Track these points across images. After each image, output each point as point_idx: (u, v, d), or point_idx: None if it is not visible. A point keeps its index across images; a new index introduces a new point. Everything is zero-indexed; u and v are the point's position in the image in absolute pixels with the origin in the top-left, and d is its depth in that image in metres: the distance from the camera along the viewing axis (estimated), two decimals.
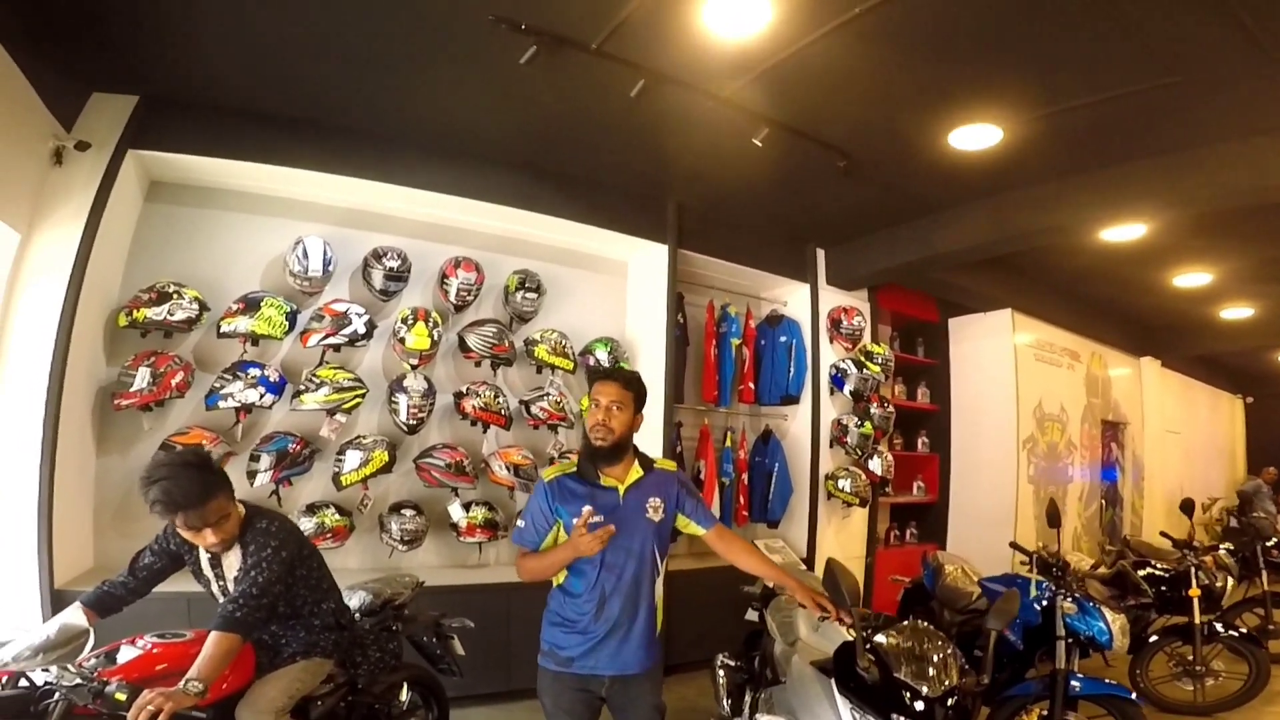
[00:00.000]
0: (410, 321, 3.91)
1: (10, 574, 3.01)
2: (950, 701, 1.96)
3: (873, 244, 5.26)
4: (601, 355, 4.53)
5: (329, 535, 3.69)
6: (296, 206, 4.01)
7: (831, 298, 5.57)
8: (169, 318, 3.41)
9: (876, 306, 5.92)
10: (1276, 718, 4.07)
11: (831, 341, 5.51)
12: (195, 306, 3.49)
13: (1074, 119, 3.48)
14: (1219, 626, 4.16)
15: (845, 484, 5.28)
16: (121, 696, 1.79)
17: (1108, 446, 8.21)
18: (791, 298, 5.61)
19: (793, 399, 5.36)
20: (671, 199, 4.74)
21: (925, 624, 2.23)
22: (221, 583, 2.23)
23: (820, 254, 5.54)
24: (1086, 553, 6.52)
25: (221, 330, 3.56)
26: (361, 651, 2.57)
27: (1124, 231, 4.87)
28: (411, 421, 3.85)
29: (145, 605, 2.37)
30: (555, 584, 2.24)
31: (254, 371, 3.55)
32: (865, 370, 5.36)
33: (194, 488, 2.00)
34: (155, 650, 2.08)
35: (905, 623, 2.22)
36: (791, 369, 5.33)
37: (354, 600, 2.76)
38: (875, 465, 5.47)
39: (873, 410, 5.46)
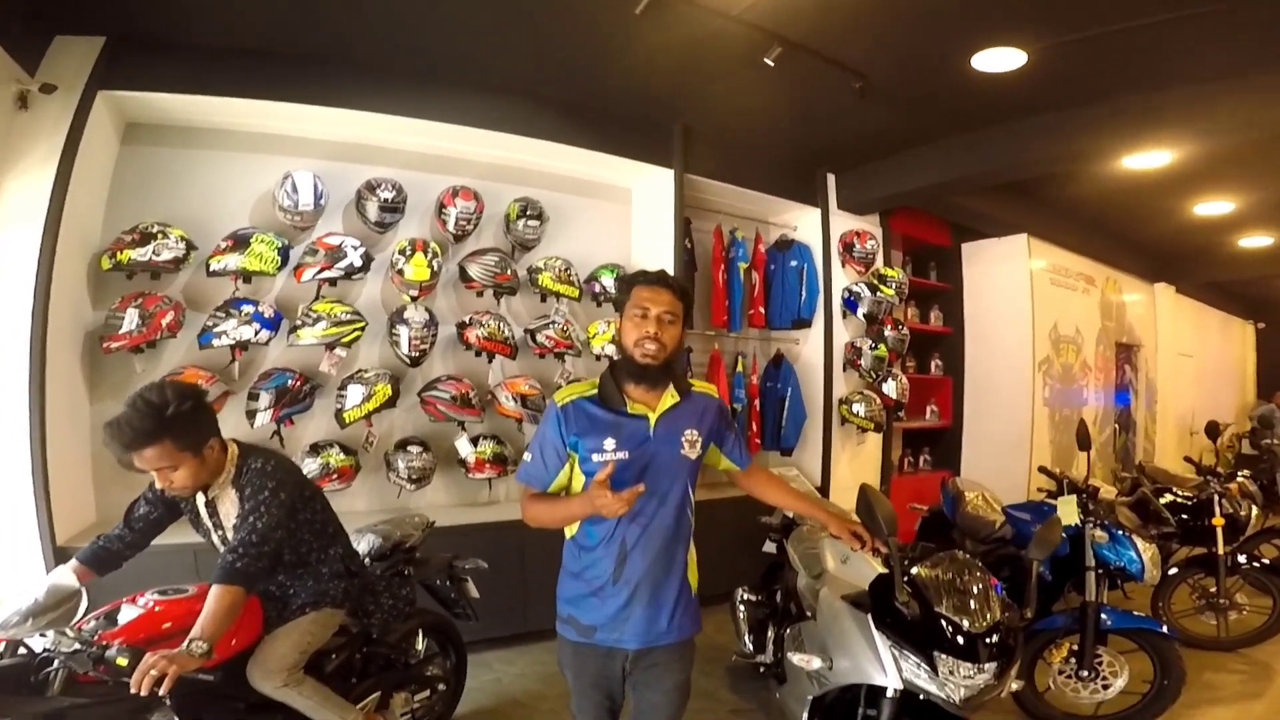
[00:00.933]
0: (408, 252, 3.73)
1: (9, 533, 2.90)
2: (994, 636, 1.85)
3: (886, 168, 5.06)
4: (607, 282, 4.36)
5: (334, 476, 3.58)
6: (284, 142, 3.79)
7: (843, 222, 5.38)
8: (155, 258, 3.24)
9: (889, 231, 5.73)
10: None
11: (844, 265, 5.35)
12: (182, 246, 3.31)
13: (1103, 45, 3.24)
14: (1241, 558, 4.01)
15: (860, 408, 5.17)
16: (123, 661, 1.66)
17: (1121, 369, 8.10)
18: (801, 222, 5.41)
19: (805, 322, 5.22)
20: (678, 123, 4.49)
21: (964, 555, 2.11)
22: (221, 531, 2.08)
23: (831, 178, 5.34)
24: (1101, 478, 6.46)
25: (211, 269, 3.40)
26: (374, 599, 2.42)
27: (1148, 159, 4.65)
28: (414, 353, 3.71)
29: (149, 559, 2.27)
30: (567, 535, 1.90)
31: (248, 308, 3.40)
32: (879, 293, 5.21)
33: (145, 424, 1.81)
34: (157, 609, 1.96)
35: (944, 554, 2.10)
36: (803, 293, 5.16)
37: (363, 544, 2.63)
38: (890, 388, 5.35)
39: (887, 333, 5.33)
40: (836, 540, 2.02)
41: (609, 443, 1.76)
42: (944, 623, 1.85)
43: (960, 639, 1.83)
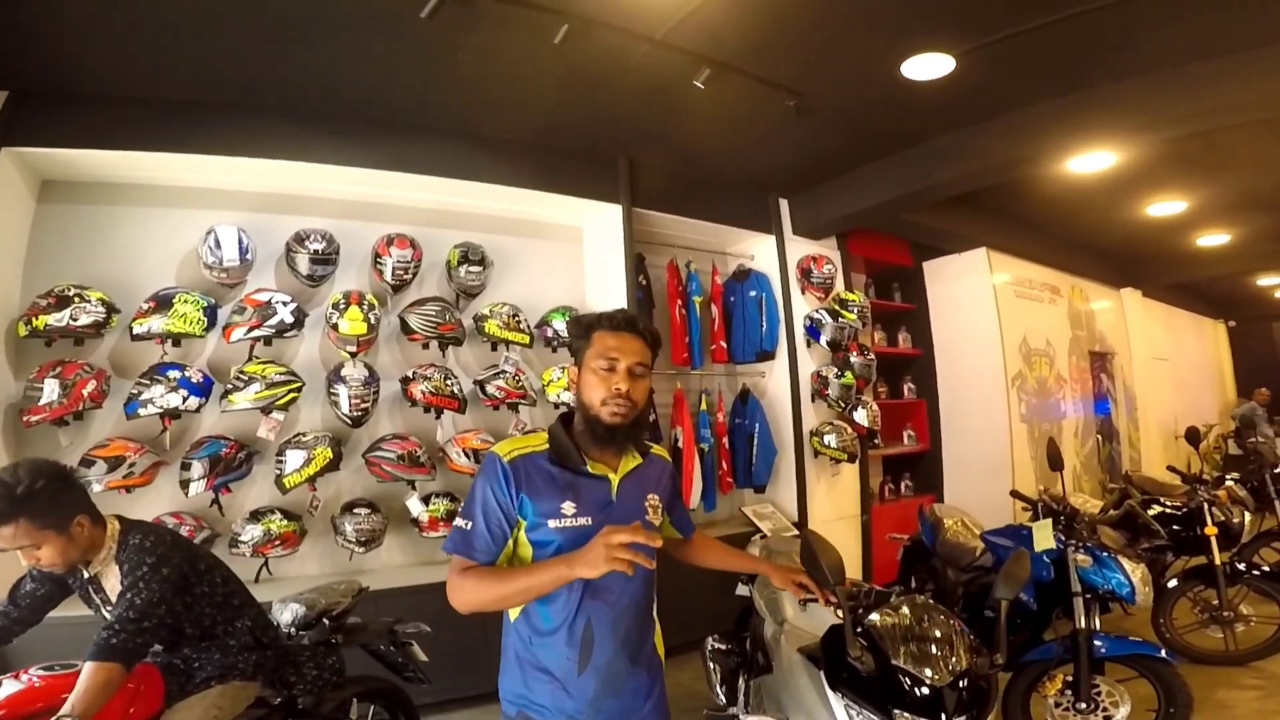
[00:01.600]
0: (342, 306, 3.59)
1: None
2: (962, 684, 1.67)
3: (836, 189, 5.01)
4: (560, 325, 4.22)
5: (277, 542, 3.40)
6: (208, 195, 3.68)
7: (799, 247, 5.30)
8: (72, 323, 3.10)
9: (848, 254, 5.67)
10: None
11: (803, 292, 5.25)
12: (102, 309, 3.17)
13: (1028, 43, 3.21)
14: (1241, 566, 3.84)
15: (831, 439, 5.03)
16: None
17: (1098, 378, 7.99)
18: (758, 250, 5.33)
19: (768, 354, 5.10)
20: (622, 156, 4.43)
21: (923, 597, 1.93)
22: (109, 608, 1.99)
23: (784, 203, 5.28)
24: (1089, 493, 6.32)
25: (134, 332, 3.26)
26: (295, 670, 2.31)
27: (1092, 161, 4.64)
28: (355, 413, 3.54)
29: (70, 631, 2.20)
30: (510, 616, 1.58)
31: (174, 374, 3.24)
32: (841, 319, 5.12)
33: None
34: (38, 683, 1.87)
35: (899, 597, 1.92)
36: (764, 324, 5.05)
37: (285, 614, 2.49)
38: (861, 416, 5.23)
39: (853, 359, 5.22)
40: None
41: (568, 506, 1.51)
42: (902, 676, 1.68)
43: (921, 692, 1.65)
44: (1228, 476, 4.54)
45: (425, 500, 3.79)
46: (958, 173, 4.34)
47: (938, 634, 1.77)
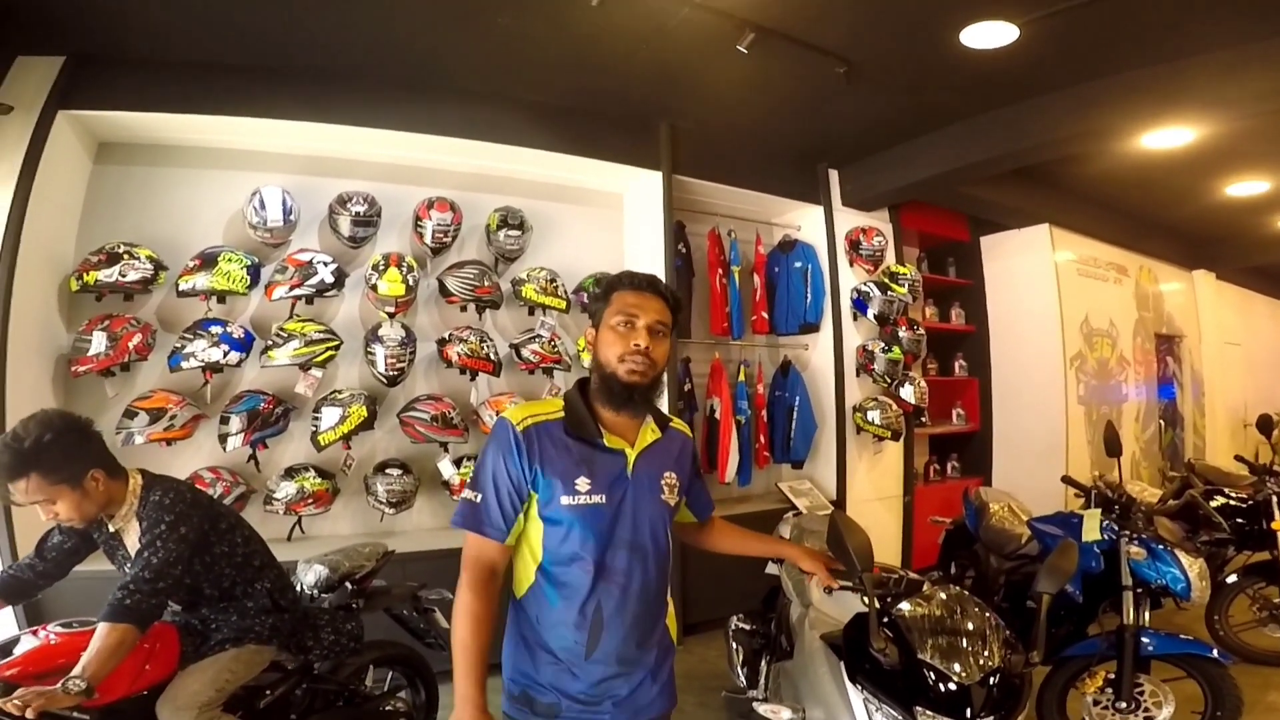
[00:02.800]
0: (382, 268, 3.59)
1: None
2: (992, 681, 1.57)
3: (889, 160, 4.80)
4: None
5: (310, 500, 3.45)
6: (255, 158, 3.71)
7: (848, 219, 5.10)
8: (121, 279, 3.18)
9: (899, 227, 5.42)
10: None
11: (851, 264, 5.06)
12: (150, 266, 3.24)
13: (1100, 14, 2.98)
14: None
15: (875, 415, 4.86)
16: None
17: (1163, 361, 7.64)
18: (805, 221, 5.14)
19: (812, 327, 4.94)
20: (664, 122, 4.30)
21: (957, 588, 1.82)
22: (129, 565, 1.98)
23: (833, 174, 5.08)
24: (1147, 480, 6.02)
25: (180, 289, 3.32)
26: (313, 634, 2.28)
27: (1169, 137, 4.34)
28: (391, 372, 3.56)
29: (93, 585, 2.20)
30: (516, 592, 1.52)
31: (216, 329, 3.30)
32: (890, 292, 4.92)
33: (6, 459, 1.76)
34: (55, 641, 1.86)
35: (933, 586, 1.81)
36: (809, 295, 4.89)
37: (309, 576, 2.48)
38: (908, 393, 5.02)
39: (901, 334, 5.02)
40: (806, 579, 1.76)
41: (582, 482, 1.43)
42: (928, 671, 1.57)
43: (947, 688, 1.55)
44: None
45: (457, 463, 3.79)
46: (1020, 146, 4.11)
47: (970, 627, 1.66)
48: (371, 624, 2.58)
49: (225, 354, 3.28)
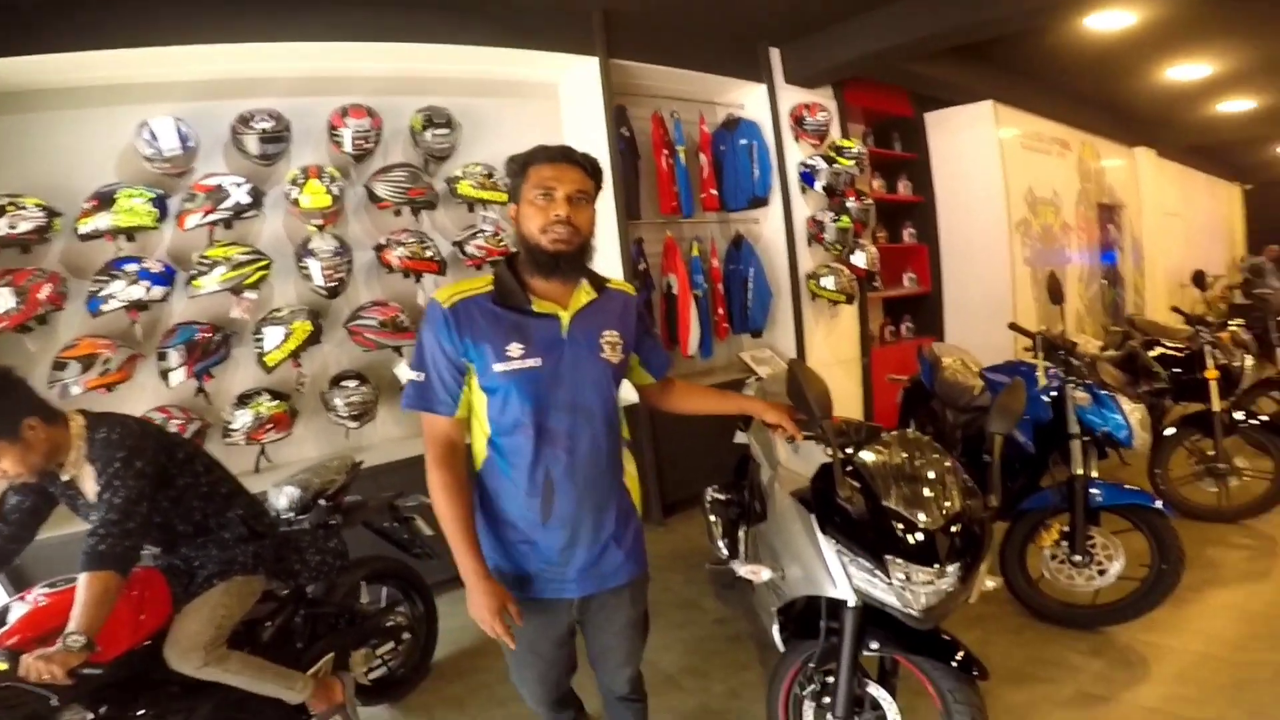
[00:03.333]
0: (301, 181, 3.36)
1: None
2: (954, 529, 1.60)
3: (832, 37, 4.70)
4: None
5: (269, 425, 3.36)
6: (143, 90, 3.34)
7: (792, 96, 5.02)
8: (11, 231, 2.91)
9: (844, 102, 5.39)
10: None
11: (797, 139, 5.04)
12: (41, 214, 2.96)
13: None
14: (1239, 415, 3.63)
15: (828, 281, 4.96)
16: (3, 666, 1.58)
17: (1105, 229, 7.96)
18: (748, 99, 5.04)
19: (761, 201, 4.92)
20: (596, 6, 4.04)
21: (916, 433, 1.84)
22: (93, 513, 1.89)
23: (775, 52, 4.96)
24: (1091, 334, 6.26)
25: (81, 232, 3.07)
26: (297, 556, 2.25)
27: (1111, 19, 4.37)
28: (330, 284, 3.41)
29: (69, 549, 2.06)
30: (476, 467, 1.59)
31: (132, 267, 3.09)
32: (836, 164, 4.94)
33: None
34: (44, 603, 1.81)
35: (891, 433, 1.82)
36: (756, 171, 4.84)
37: (281, 499, 2.43)
38: (859, 259, 5.14)
39: (849, 204, 5.06)
40: (771, 432, 1.77)
41: (515, 347, 1.47)
42: (894, 520, 1.61)
43: (914, 537, 1.58)
44: (1231, 321, 4.37)
45: None
46: (965, 21, 4.05)
47: (930, 474, 1.68)
48: (355, 542, 2.56)
49: (147, 290, 3.08)
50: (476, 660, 2.97)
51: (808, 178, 4.99)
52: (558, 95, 4.43)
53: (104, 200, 3.07)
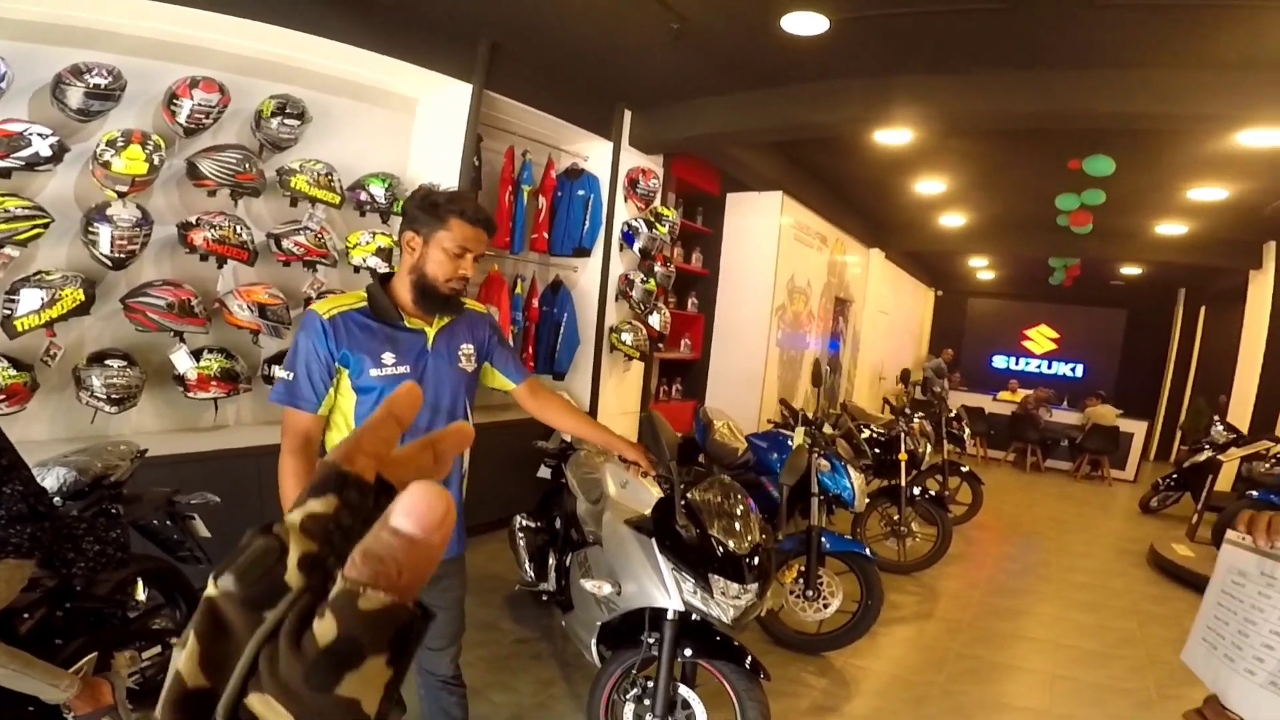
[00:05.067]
0: (120, 144, 3.01)
1: None
2: (755, 556, 2.05)
3: (679, 111, 5.22)
4: (377, 191, 3.95)
5: (2, 396, 2.85)
6: None
7: (631, 158, 5.47)
8: None
9: (670, 172, 5.94)
10: (957, 578, 4.76)
11: (626, 199, 5.46)
12: None
13: (899, 24, 3.59)
14: (916, 490, 4.68)
15: (628, 337, 5.39)
16: None
17: (836, 320, 9.27)
18: (593, 153, 5.39)
19: (585, 251, 5.29)
20: (486, 36, 4.15)
21: (728, 478, 2.28)
22: None
23: (628, 114, 5.38)
24: (813, 414, 7.49)
25: None
26: (73, 545, 2.03)
27: (895, 135, 5.31)
28: (118, 254, 3.04)
29: None
30: (328, 446, 1.77)
31: None
32: (654, 230, 5.43)
33: None
34: None
35: (712, 478, 2.25)
36: (587, 222, 5.20)
37: (50, 479, 2.17)
38: (655, 320, 5.65)
39: (657, 269, 5.60)
40: (617, 465, 2.07)
41: (388, 356, 1.72)
42: (715, 544, 2.01)
43: (729, 560, 2.00)
44: (917, 414, 5.62)
45: (196, 355, 3.39)
46: (794, 120, 4.78)
47: (739, 511, 2.13)
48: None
49: None
50: None
51: (629, 237, 5.39)
52: (414, 110, 4.40)
53: None
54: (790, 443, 3.93)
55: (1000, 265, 12.55)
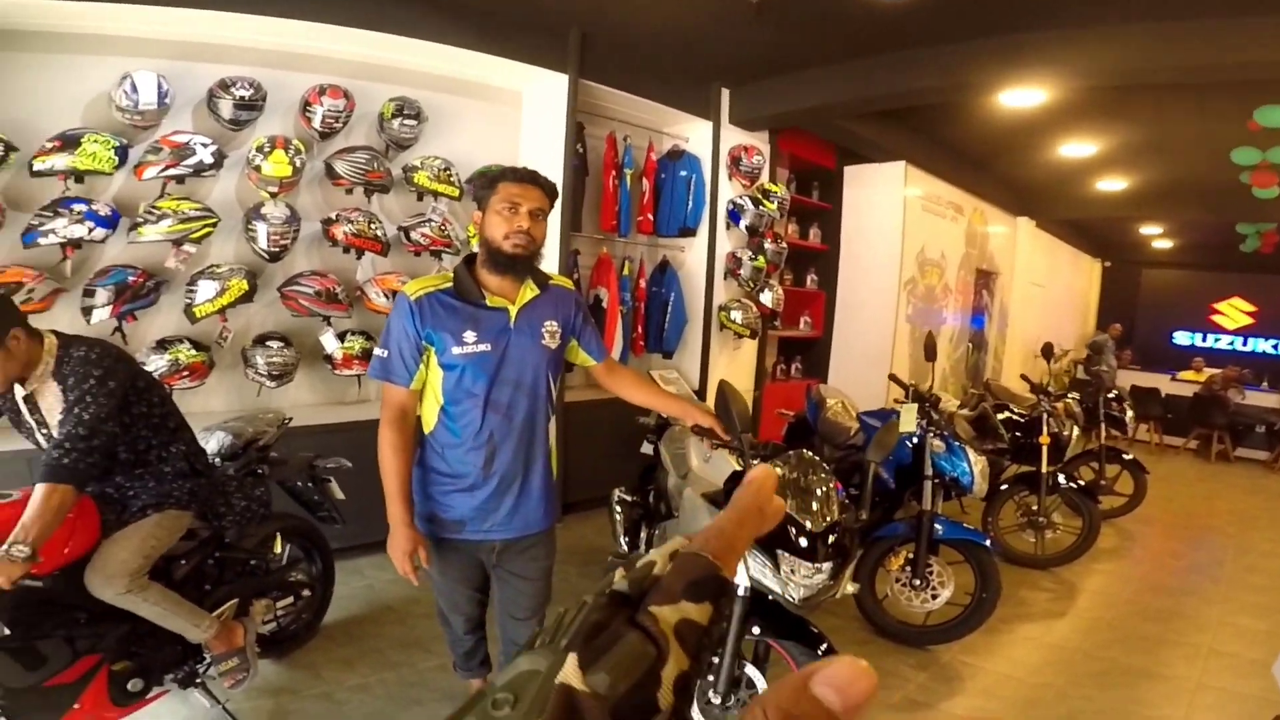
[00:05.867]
0: (267, 149, 3.43)
1: None
2: (831, 539, 1.99)
3: (778, 86, 5.09)
4: None
5: (185, 372, 3.36)
6: (122, 43, 3.31)
7: (733, 136, 5.40)
8: None
9: (776, 148, 5.79)
10: (1104, 575, 4.34)
11: (730, 178, 5.41)
12: None
13: None
14: (1061, 478, 4.22)
15: (737, 315, 5.35)
16: None
17: (979, 294, 8.62)
18: (694, 134, 5.39)
19: (690, 231, 5.31)
20: (575, 27, 4.28)
21: (810, 454, 2.22)
22: (45, 429, 1.92)
23: (725, 93, 5.32)
24: (952, 393, 7.05)
25: (35, 169, 3.03)
26: (224, 500, 2.31)
27: (1025, 96, 4.91)
28: (273, 249, 3.47)
29: None
30: (425, 430, 1.90)
31: (80, 207, 3.06)
32: (761, 207, 5.33)
33: None
34: None
35: (791, 453, 2.20)
36: (690, 202, 5.22)
37: (211, 443, 2.48)
38: (766, 298, 5.57)
39: (766, 245, 5.49)
40: (700, 440, 2.10)
41: (469, 335, 1.79)
42: (788, 522, 1.98)
43: (801, 538, 1.96)
44: (1069, 394, 5.06)
45: (340, 337, 3.81)
46: (901, 88, 4.51)
47: (819, 490, 2.08)
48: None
49: (89, 231, 3.06)
50: (368, 627, 3.10)
51: (734, 215, 5.34)
52: (520, 103, 4.62)
53: (68, 142, 3.05)
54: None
55: (1178, 233, 11.12)
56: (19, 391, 1.88)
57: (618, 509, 3.27)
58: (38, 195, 3.13)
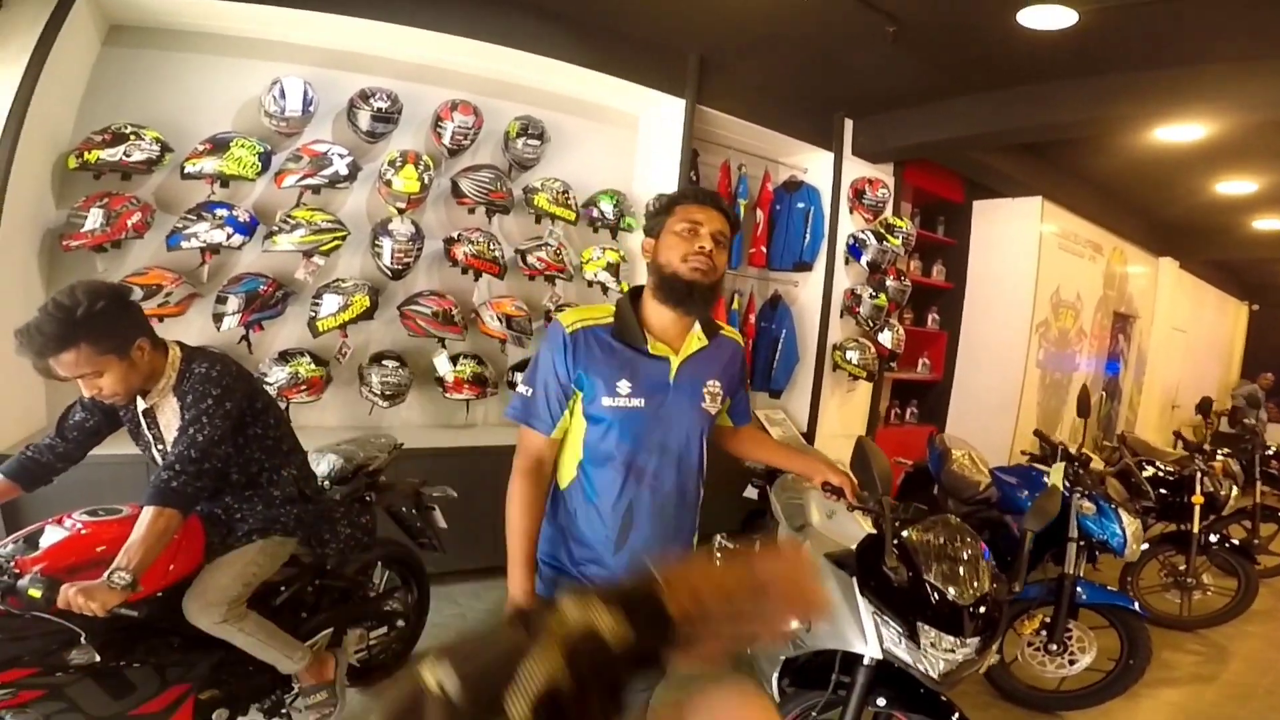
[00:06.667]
0: (398, 164, 3.52)
1: None
2: (980, 608, 1.76)
3: (907, 117, 4.86)
4: (606, 208, 4.17)
5: (303, 386, 3.44)
6: (274, 48, 3.52)
7: (855, 168, 5.18)
8: (125, 159, 3.04)
9: (902, 181, 5.53)
10: (1258, 639, 3.95)
11: (852, 211, 5.18)
12: (156, 148, 3.10)
13: (1153, 12, 3.09)
14: (1213, 538, 3.94)
15: (853, 355, 5.08)
16: (36, 593, 1.47)
17: (1115, 338, 8.01)
18: (812, 164, 5.20)
19: (806, 265, 5.10)
20: (694, 52, 4.23)
21: (957, 519, 1.99)
22: (161, 445, 1.88)
23: (849, 123, 5.12)
24: (1087, 447, 6.44)
25: (186, 171, 3.20)
26: (330, 527, 2.21)
27: (1182, 132, 4.55)
28: (396, 266, 3.54)
29: (98, 472, 2.08)
30: (560, 484, 1.64)
31: (221, 212, 3.21)
32: (885, 242, 5.07)
33: (55, 329, 1.60)
34: (85, 531, 1.74)
35: (936, 517, 1.97)
36: (807, 236, 5.02)
37: (322, 465, 2.42)
38: (886, 338, 5.26)
39: (889, 283, 5.21)
40: (824, 494, 1.88)
41: (624, 385, 1.53)
42: (931, 591, 1.75)
43: (946, 610, 1.74)
44: (1220, 451, 4.59)
45: (454, 360, 3.82)
46: (1045, 121, 4.24)
47: (966, 556, 1.83)
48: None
49: (229, 236, 3.20)
50: None
51: (855, 250, 5.10)
52: (637, 127, 4.60)
53: (218, 146, 3.21)
54: (1045, 480, 3.38)
55: None
56: (140, 404, 1.86)
57: (719, 556, 3.07)
58: (184, 198, 3.31)
